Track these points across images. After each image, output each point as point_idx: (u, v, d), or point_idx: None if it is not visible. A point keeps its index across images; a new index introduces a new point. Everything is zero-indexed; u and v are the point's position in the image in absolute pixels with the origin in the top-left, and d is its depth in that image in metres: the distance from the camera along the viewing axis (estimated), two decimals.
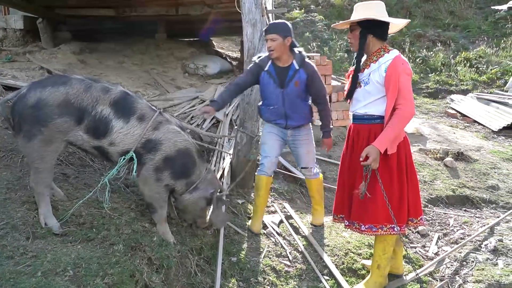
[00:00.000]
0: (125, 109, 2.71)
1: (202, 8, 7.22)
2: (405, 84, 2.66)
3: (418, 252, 3.78)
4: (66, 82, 2.63)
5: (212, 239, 3.33)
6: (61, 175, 3.33)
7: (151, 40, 8.50)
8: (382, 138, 2.65)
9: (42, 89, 2.56)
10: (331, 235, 3.75)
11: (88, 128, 2.64)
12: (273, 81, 3.35)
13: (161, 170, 2.83)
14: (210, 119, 5.50)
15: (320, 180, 3.85)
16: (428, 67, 11.46)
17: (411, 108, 2.67)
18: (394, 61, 2.66)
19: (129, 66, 7.20)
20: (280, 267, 3.27)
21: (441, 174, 5.63)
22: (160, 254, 2.72)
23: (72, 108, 2.58)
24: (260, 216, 3.72)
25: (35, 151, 2.58)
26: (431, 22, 14.27)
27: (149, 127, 2.75)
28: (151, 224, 2.97)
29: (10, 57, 6.59)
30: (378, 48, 2.77)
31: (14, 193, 2.90)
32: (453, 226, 4.33)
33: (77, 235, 2.64)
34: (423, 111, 9.25)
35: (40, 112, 2.52)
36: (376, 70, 2.72)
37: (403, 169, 2.81)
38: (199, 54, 8.33)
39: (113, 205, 3.04)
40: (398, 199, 2.80)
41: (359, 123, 2.89)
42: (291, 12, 14.57)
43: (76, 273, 2.30)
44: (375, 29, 2.74)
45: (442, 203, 4.99)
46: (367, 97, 2.79)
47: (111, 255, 2.52)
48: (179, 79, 7.08)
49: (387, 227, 2.78)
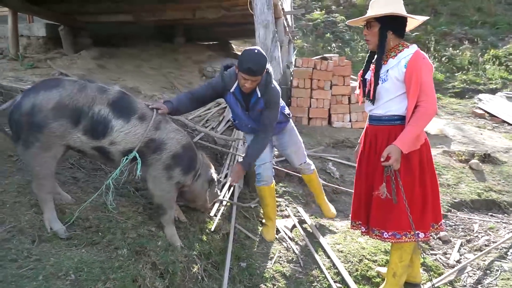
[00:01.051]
0: (124, 108, 2.68)
1: (219, 11, 7.21)
2: (427, 79, 2.52)
3: (439, 259, 3.61)
4: (58, 85, 2.56)
5: (221, 244, 3.27)
6: (71, 178, 3.32)
7: (169, 44, 8.56)
8: (404, 137, 2.51)
9: (36, 95, 2.50)
10: (345, 240, 3.63)
11: (86, 129, 2.58)
12: (239, 104, 3.19)
13: (171, 168, 2.84)
14: (225, 121, 5.46)
15: (316, 171, 3.91)
16: (454, 66, 11.16)
17: (434, 105, 2.53)
18: (414, 55, 2.53)
19: (147, 70, 7.24)
20: (291, 273, 3.17)
21: (466, 177, 5.41)
22: (166, 259, 2.67)
23: (67, 110, 2.51)
24: (272, 224, 3.65)
25: (34, 158, 2.53)
26: (457, 20, 13.91)
27: (151, 126, 2.72)
28: (158, 228, 2.92)
29: (32, 63, 6.72)
30: (396, 44, 2.64)
31: (23, 196, 2.89)
32: (477, 232, 4.13)
33: (82, 239, 2.61)
34: (449, 111, 8.98)
35: (35, 118, 2.46)
36: (395, 66, 2.58)
37: (425, 171, 2.67)
38: (217, 57, 8.32)
39: (120, 209, 3.02)
40: (421, 204, 2.67)
41: (377, 124, 2.74)
42: (311, 13, 14.48)
43: (77, 277, 2.26)
44: (394, 25, 2.61)
45: (467, 207, 4.78)
46: (385, 95, 2.64)
47: (115, 259, 2.48)
48: (196, 82, 7.08)
49: (411, 234, 2.64)
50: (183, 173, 2.91)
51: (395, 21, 2.60)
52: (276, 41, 4.34)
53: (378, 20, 2.61)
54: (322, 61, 6.63)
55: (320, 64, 6.58)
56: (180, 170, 2.88)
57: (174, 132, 2.89)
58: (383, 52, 2.64)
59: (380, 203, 2.67)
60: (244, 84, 2.95)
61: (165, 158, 2.81)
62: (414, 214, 2.62)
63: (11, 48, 7.13)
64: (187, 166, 2.94)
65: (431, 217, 2.73)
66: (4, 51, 7.45)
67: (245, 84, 2.95)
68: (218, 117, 5.60)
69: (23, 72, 6.15)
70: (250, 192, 4.23)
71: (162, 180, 2.84)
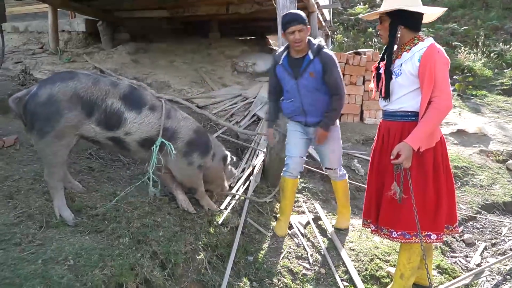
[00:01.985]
0: (135, 101, 2.81)
1: (252, 6, 7.19)
2: (442, 74, 2.40)
3: (458, 262, 3.45)
4: (74, 77, 2.67)
5: (229, 237, 3.27)
6: (87, 168, 3.43)
7: (204, 39, 8.65)
8: (415, 134, 2.40)
9: (52, 85, 2.60)
10: (360, 239, 3.54)
11: (99, 120, 2.70)
12: (287, 73, 3.23)
13: (189, 154, 3.05)
14: (250, 116, 5.46)
15: (346, 182, 3.66)
16: (504, 62, 10.57)
17: (448, 101, 2.40)
18: (429, 49, 2.41)
19: (179, 65, 7.35)
20: (298, 270, 3.12)
21: (501, 178, 5.13)
22: (167, 249, 2.70)
23: (82, 102, 2.63)
24: (286, 220, 3.57)
25: (48, 147, 2.62)
26: (510, 14, 13.19)
27: (163, 116, 2.88)
28: (163, 219, 2.96)
29: (70, 57, 7.01)
30: (411, 38, 2.54)
31: (38, 184, 3.02)
32: (505, 236, 3.90)
33: (88, 226, 2.69)
34: (494, 109, 8.52)
35: (51, 108, 2.56)
36: (409, 60, 2.48)
37: (439, 170, 2.54)
38: (251, 52, 8.32)
39: (129, 199, 3.08)
40: (435, 204, 2.54)
41: (390, 120, 2.65)
42: (354, 8, 14.16)
43: (76, 262, 2.32)
44: (406, 19, 2.51)
45: (499, 209, 4.55)
46: (399, 90, 2.54)
47: (116, 247, 2.53)
48: (227, 77, 7.11)
49: (423, 235, 2.53)
50: (202, 156, 3.12)
51: (407, 15, 2.50)
52: None
53: (389, 14, 2.53)
54: (354, 56, 6.46)
55: (352, 59, 6.41)
56: (198, 154, 3.09)
57: (184, 120, 3.08)
58: (392, 47, 2.56)
59: (390, 201, 2.57)
60: (294, 37, 3.05)
61: (180, 146, 3.00)
62: (426, 214, 2.51)
63: (51, 42, 7.47)
64: (204, 149, 3.15)
65: (445, 218, 2.60)
66: (45, 45, 7.82)
67: (295, 37, 3.04)
68: (244, 111, 5.60)
69: (60, 65, 6.43)
70: (268, 187, 4.20)
71: (184, 167, 3.06)
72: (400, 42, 2.57)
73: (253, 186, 3.98)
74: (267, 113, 3.66)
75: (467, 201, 4.54)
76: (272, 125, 3.57)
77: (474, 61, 10.36)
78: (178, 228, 2.98)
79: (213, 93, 6.17)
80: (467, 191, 4.77)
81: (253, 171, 4.21)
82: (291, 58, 3.21)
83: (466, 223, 4.18)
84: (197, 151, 3.08)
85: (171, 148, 2.88)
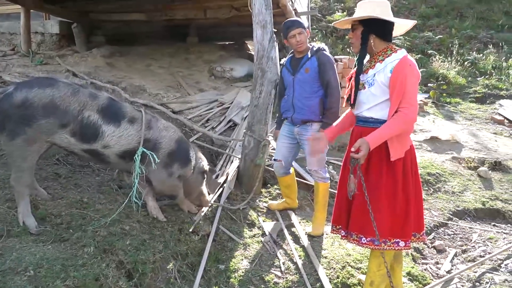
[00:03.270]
0: (114, 114, 2.79)
1: (230, 11, 7.18)
2: (411, 87, 2.42)
3: (429, 269, 3.47)
4: (53, 85, 2.64)
5: (200, 245, 3.21)
6: (53, 174, 3.34)
7: (182, 44, 8.59)
8: (376, 135, 2.42)
9: (29, 89, 2.56)
10: (332, 246, 3.53)
11: (74, 132, 2.66)
12: (287, 71, 3.59)
13: (170, 165, 3.05)
14: (226, 121, 5.42)
15: (327, 186, 3.69)
16: (477, 71, 10.79)
17: (414, 115, 2.44)
18: (401, 61, 2.43)
19: (156, 69, 7.27)
20: (270, 278, 3.09)
21: (472, 185, 5.21)
22: (134, 258, 2.63)
23: (57, 111, 2.59)
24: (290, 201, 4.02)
25: (17, 150, 2.58)
26: (483, 24, 13.51)
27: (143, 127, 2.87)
28: (131, 227, 2.89)
29: (42, 60, 6.85)
30: (384, 47, 2.55)
31: (1, 191, 2.93)
32: (475, 242, 3.95)
33: (51, 235, 2.61)
34: (467, 116, 8.68)
35: (25, 111, 2.52)
36: (381, 71, 2.49)
37: (408, 178, 2.56)
38: (228, 57, 8.29)
39: (97, 206, 3.01)
40: (404, 211, 2.55)
41: (363, 125, 2.65)
42: (332, 15, 14.28)
43: (36, 273, 2.25)
44: (378, 28, 2.53)
45: (470, 216, 4.60)
46: (371, 99, 2.56)
47: (79, 257, 2.46)
48: (204, 82, 7.06)
49: (392, 242, 2.53)
50: (182, 167, 3.13)
51: (379, 24, 2.52)
52: (273, 42, 4.25)
53: (362, 22, 2.54)
54: None
55: None
56: (178, 165, 3.09)
57: (165, 130, 3.08)
58: (364, 55, 2.58)
59: (360, 207, 2.56)
60: (296, 40, 3.44)
61: (161, 157, 2.98)
62: (396, 221, 2.52)
63: (23, 44, 7.29)
64: (184, 159, 3.15)
65: (413, 226, 2.61)
66: (17, 47, 7.64)
67: (296, 39, 3.43)
68: (220, 117, 5.56)
69: (32, 68, 6.27)
70: (242, 193, 4.17)
71: (164, 178, 3.06)
72: (373, 51, 2.58)
73: (226, 193, 3.94)
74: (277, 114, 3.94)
75: (439, 208, 4.59)
76: (280, 127, 3.82)
77: (448, 69, 10.55)
78: (147, 236, 2.92)
79: (189, 98, 6.12)
80: (439, 197, 4.82)
81: (227, 178, 4.17)
82: (294, 58, 3.60)
83: (437, 229, 4.22)
84: (178, 162, 3.08)
85: (154, 158, 2.84)
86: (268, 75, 4.07)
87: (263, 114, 4.16)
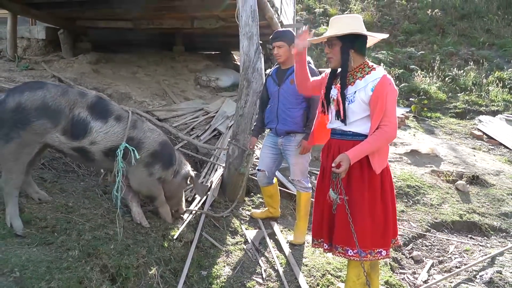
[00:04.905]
0: (102, 111, 2.90)
1: (217, 21, 7.27)
2: (391, 105, 2.53)
3: (406, 278, 3.56)
4: (42, 87, 2.74)
5: (183, 251, 3.25)
6: (39, 179, 3.35)
7: (168, 52, 8.64)
8: (357, 151, 2.51)
9: (21, 94, 2.65)
10: (313, 254, 3.60)
11: (65, 130, 2.76)
12: (273, 81, 3.67)
13: (151, 165, 3.11)
14: (211, 130, 5.48)
15: (309, 195, 3.75)
16: (457, 86, 11.06)
17: (395, 132, 2.54)
18: (382, 80, 2.52)
19: (142, 77, 7.31)
20: (251, 284, 3.14)
21: (450, 198, 5.35)
22: (118, 263, 2.66)
23: (50, 111, 2.69)
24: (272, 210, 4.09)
25: (11, 153, 2.65)
26: (465, 40, 13.85)
27: (129, 125, 2.96)
28: (116, 232, 2.92)
29: (27, 65, 6.83)
30: (360, 64, 2.63)
31: None
32: (451, 254, 4.07)
33: (36, 238, 2.63)
34: (447, 131, 8.90)
35: (19, 115, 2.62)
36: (362, 89, 2.55)
37: (387, 191, 2.65)
38: (214, 67, 8.37)
39: (82, 211, 3.03)
40: (383, 222, 2.64)
41: (341, 138, 2.69)
42: (318, 28, 14.54)
43: (22, 275, 2.27)
44: (356, 43, 2.60)
45: (447, 228, 4.72)
46: (351, 115, 2.62)
47: (64, 260, 2.49)
48: (190, 90, 7.12)
49: (375, 252, 2.62)
50: (163, 168, 3.18)
51: (357, 39, 2.59)
52: (259, 53, 4.35)
53: (340, 38, 2.58)
54: None
55: None
56: (159, 166, 3.15)
57: (150, 131, 3.16)
58: (347, 70, 2.62)
59: (344, 220, 2.61)
60: (275, 52, 3.58)
61: (144, 156, 3.05)
62: (377, 232, 2.61)
63: (9, 49, 7.26)
64: (166, 162, 3.20)
65: (391, 234, 2.70)
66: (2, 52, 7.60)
67: (275, 51, 3.58)
68: (205, 125, 5.62)
69: (17, 73, 6.25)
70: (225, 201, 4.22)
71: (143, 177, 3.11)
72: (350, 66, 2.62)
73: (210, 201, 3.99)
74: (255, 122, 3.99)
75: (418, 219, 4.71)
76: (257, 134, 3.90)
77: (430, 84, 10.81)
78: (131, 241, 2.95)
79: (175, 106, 6.16)
80: (418, 209, 4.95)
81: (211, 186, 4.22)
82: (280, 69, 3.68)
83: (415, 240, 4.33)
84: (159, 163, 3.14)
85: (134, 154, 2.90)
86: (253, 85, 4.16)
87: (248, 124, 4.24)
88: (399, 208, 4.85)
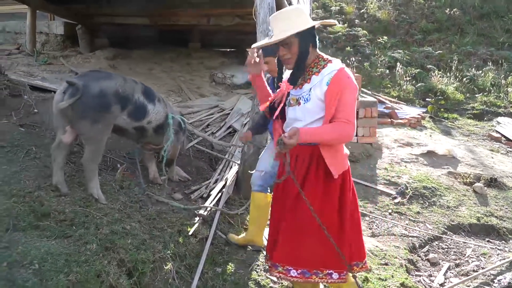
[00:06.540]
0: (150, 95, 3.48)
1: (233, 19, 7.28)
2: (349, 101, 2.22)
3: (422, 281, 3.52)
4: (111, 76, 3.28)
5: (198, 247, 3.27)
6: None
7: (184, 49, 8.68)
8: (310, 131, 2.20)
9: (102, 81, 3.10)
10: None
11: (130, 112, 3.28)
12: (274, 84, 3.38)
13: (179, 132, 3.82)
14: (226, 127, 5.49)
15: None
16: (475, 87, 10.87)
17: (352, 130, 2.22)
18: (338, 73, 2.22)
19: (158, 73, 7.35)
20: (265, 283, 3.14)
21: (468, 200, 5.27)
22: (135, 257, 2.68)
23: (120, 97, 3.16)
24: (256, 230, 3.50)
25: (98, 134, 3.10)
26: (484, 40, 13.59)
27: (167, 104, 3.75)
28: (132, 227, 2.94)
29: (46, 59, 6.93)
30: (315, 58, 2.33)
31: (7, 186, 2.97)
32: (468, 257, 4.01)
33: (55, 231, 2.65)
34: (464, 132, 8.75)
35: (103, 100, 3.05)
36: (318, 85, 2.25)
37: (346, 203, 2.33)
38: (229, 64, 8.38)
39: (99, 204, 3.07)
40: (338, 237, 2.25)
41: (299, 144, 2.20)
42: (333, 26, 14.43)
43: (41, 267, 2.30)
44: (313, 37, 2.30)
45: (464, 231, 4.65)
46: (308, 116, 2.30)
47: (82, 253, 2.51)
48: (205, 87, 7.14)
49: (324, 273, 2.26)
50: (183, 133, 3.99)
51: (312, 33, 2.29)
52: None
53: (297, 35, 2.22)
54: None
55: None
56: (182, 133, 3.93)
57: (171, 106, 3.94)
58: (304, 69, 2.32)
59: (289, 235, 2.28)
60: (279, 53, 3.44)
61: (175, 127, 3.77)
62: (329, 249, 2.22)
63: (28, 44, 7.37)
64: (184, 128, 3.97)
65: (352, 255, 2.36)
66: (22, 46, 7.72)
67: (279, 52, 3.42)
68: (220, 122, 5.63)
69: (36, 67, 6.34)
70: (240, 199, 4.22)
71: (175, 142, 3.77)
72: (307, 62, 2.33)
73: (225, 198, 4.00)
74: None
75: (434, 221, 4.66)
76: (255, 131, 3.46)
77: (447, 85, 10.66)
78: (147, 236, 2.97)
79: (190, 102, 6.19)
80: (434, 211, 4.89)
81: (226, 183, 4.23)
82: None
83: (431, 243, 4.28)
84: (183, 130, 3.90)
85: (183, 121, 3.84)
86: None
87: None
88: (414, 209, 4.80)
